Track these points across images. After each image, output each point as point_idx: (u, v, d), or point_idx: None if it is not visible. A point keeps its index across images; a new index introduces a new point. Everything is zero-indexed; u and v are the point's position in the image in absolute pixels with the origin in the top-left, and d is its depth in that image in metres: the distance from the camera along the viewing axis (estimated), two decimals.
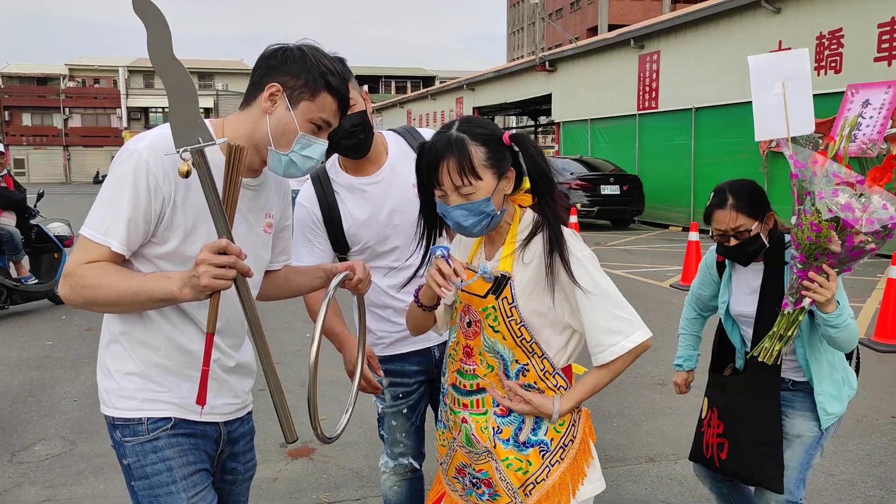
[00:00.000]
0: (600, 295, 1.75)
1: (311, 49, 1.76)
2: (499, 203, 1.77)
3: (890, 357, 6.00)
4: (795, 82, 2.42)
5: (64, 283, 1.61)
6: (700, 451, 2.76)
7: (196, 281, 1.51)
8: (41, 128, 60.96)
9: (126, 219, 1.60)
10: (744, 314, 2.64)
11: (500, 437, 1.82)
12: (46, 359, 6.21)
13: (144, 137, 1.66)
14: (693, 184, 16.20)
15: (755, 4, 14.27)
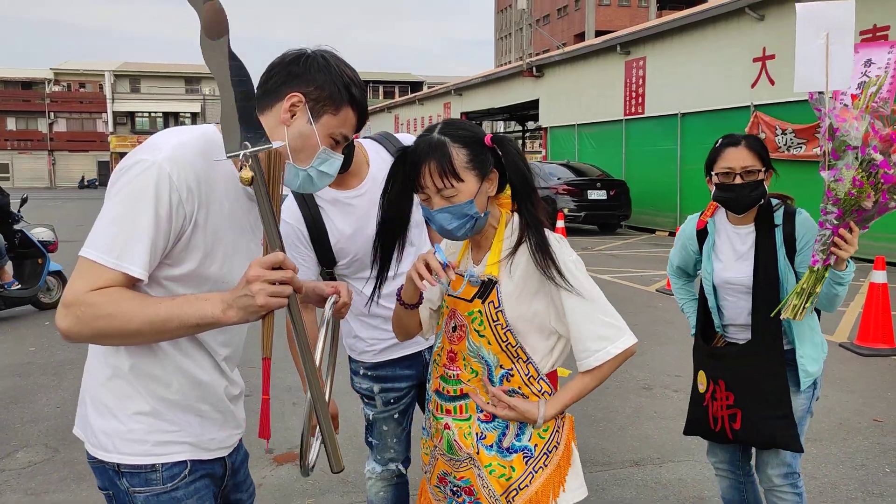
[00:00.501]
0: (587, 300, 1.74)
1: (334, 57, 1.64)
2: (482, 205, 1.77)
3: (872, 361, 6.05)
4: (839, 34, 2.37)
5: (67, 314, 1.38)
6: (704, 426, 2.74)
7: (248, 301, 1.37)
8: (26, 132, 60.49)
9: (149, 240, 1.41)
10: (731, 281, 2.64)
11: (484, 442, 1.81)
12: (29, 365, 6.15)
13: (159, 148, 1.45)
14: (679, 189, 16.30)
15: (739, 11, 14.39)
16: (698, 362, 2.80)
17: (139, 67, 63.44)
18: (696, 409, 2.78)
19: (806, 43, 2.42)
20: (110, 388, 1.54)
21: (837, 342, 6.62)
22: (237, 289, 1.40)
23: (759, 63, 14.00)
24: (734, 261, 2.65)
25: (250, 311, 1.38)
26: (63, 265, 9.05)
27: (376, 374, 2.50)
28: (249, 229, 1.63)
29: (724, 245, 2.69)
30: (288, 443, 4.36)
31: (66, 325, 1.39)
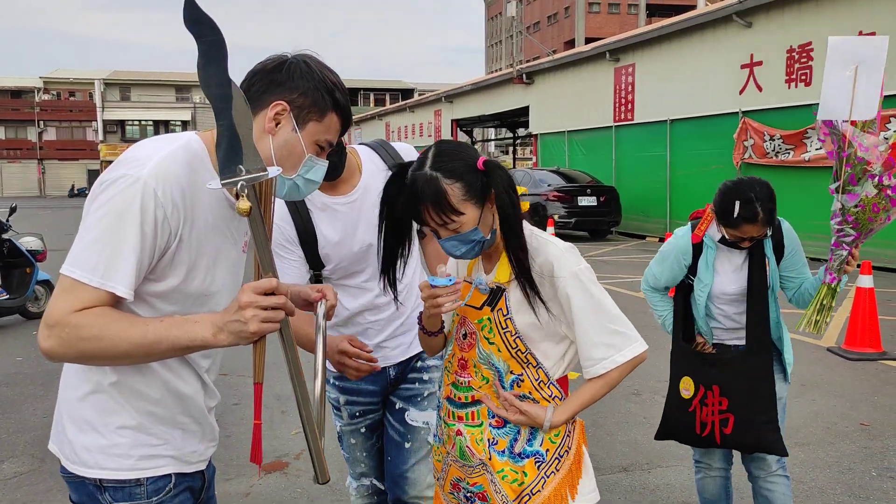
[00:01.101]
0: (594, 308, 1.75)
1: (316, 62, 1.61)
2: (488, 227, 1.77)
3: (859, 365, 6.09)
4: (869, 68, 2.52)
5: (50, 334, 1.35)
6: (688, 431, 2.83)
7: (240, 327, 1.36)
8: (15, 141, 60.21)
9: (135, 259, 1.38)
10: (728, 292, 2.80)
11: (496, 448, 1.83)
12: (16, 375, 6.12)
13: (143, 162, 1.41)
14: (669, 194, 16.37)
15: (727, 19, 14.50)
16: (684, 369, 2.85)
17: (129, 76, 63.34)
18: (679, 415, 2.84)
19: (834, 74, 2.56)
20: (92, 403, 1.49)
21: (825, 346, 6.65)
22: (228, 312, 1.38)
23: (747, 70, 14.10)
24: (731, 272, 2.79)
25: (242, 336, 1.37)
26: (52, 274, 8.99)
27: (342, 385, 2.46)
28: (231, 237, 1.61)
29: (723, 257, 2.81)
30: (276, 451, 4.35)
31: (49, 346, 1.36)
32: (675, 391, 2.87)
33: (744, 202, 2.62)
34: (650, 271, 3.03)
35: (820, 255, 13.47)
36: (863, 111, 2.54)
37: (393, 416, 2.47)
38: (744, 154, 14.00)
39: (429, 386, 2.48)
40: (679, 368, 2.88)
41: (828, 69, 2.60)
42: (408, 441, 2.43)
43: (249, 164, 1.38)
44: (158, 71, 64.41)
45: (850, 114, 2.53)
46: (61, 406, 1.56)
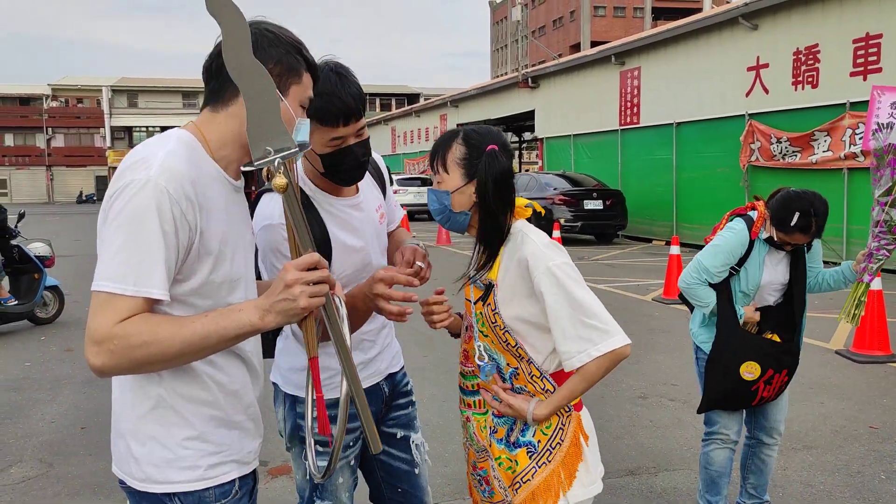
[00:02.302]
0: (569, 302, 1.77)
1: (276, 27, 1.59)
2: (462, 204, 1.87)
3: (868, 367, 6.05)
4: None
5: (99, 350, 1.34)
6: (743, 402, 3.17)
7: (290, 305, 1.38)
8: (24, 148, 60.60)
9: (162, 258, 1.37)
10: (775, 281, 3.14)
11: (496, 436, 1.92)
12: (25, 380, 6.14)
13: (148, 163, 1.40)
14: (675, 198, 16.33)
15: (733, 21, 14.48)
16: (749, 354, 3.09)
17: (137, 82, 63.64)
18: (738, 393, 3.12)
19: None
20: (154, 419, 1.50)
21: (833, 349, 6.62)
22: (272, 294, 1.40)
23: (753, 72, 14.07)
24: (775, 265, 3.13)
25: (291, 314, 1.39)
26: (60, 280, 9.05)
27: (332, 414, 2.08)
28: (241, 220, 1.62)
29: (772, 252, 3.13)
30: (283, 455, 4.35)
31: (101, 362, 1.34)
32: (733, 374, 3.09)
33: (803, 214, 2.92)
34: (702, 265, 3.14)
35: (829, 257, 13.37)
36: None
37: (397, 447, 2.30)
38: (750, 157, 13.96)
39: (415, 405, 2.38)
40: (741, 354, 3.09)
41: None
42: (416, 466, 2.32)
43: (280, 141, 1.40)
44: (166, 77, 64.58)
45: None
46: (121, 426, 1.54)
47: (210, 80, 1.56)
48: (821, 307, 8.50)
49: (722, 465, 3.28)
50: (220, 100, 1.55)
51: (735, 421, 3.26)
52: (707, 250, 3.16)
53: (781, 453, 4.24)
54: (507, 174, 1.86)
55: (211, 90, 1.56)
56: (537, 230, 1.89)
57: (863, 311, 3.22)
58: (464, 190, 1.86)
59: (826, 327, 7.43)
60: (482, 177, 1.84)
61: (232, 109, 1.54)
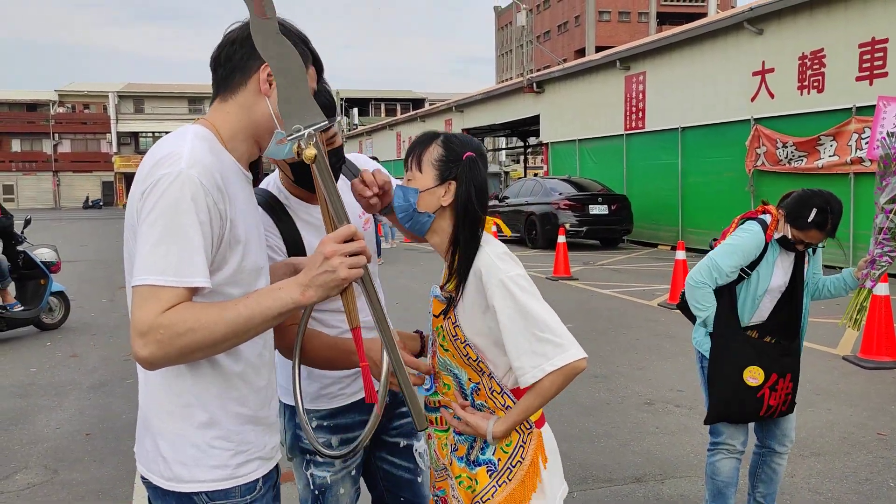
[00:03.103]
0: (521, 316, 1.70)
1: (282, 18, 1.60)
2: (428, 205, 1.81)
3: (876, 374, 6.01)
4: None
5: (145, 342, 1.34)
6: (751, 413, 3.12)
7: (330, 277, 1.42)
8: (30, 153, 60.87)
9: (201, 247, 1.39)
10: (779, 286, 3.13)
11: (456, 454, 1.87)
12: (30, 386, 6.15)
13: (177, 157, 1.42)
14: (681, 203, 16.29)
15: (738, 26, 14.46)
16: (751, 358, 3.07)
17: (143, 88, 63.89)
18: (745, 400, 3.08)
19: None
20: (184, 417, 1.50)
21: (841, 355, 6.59)
22: (311, 269, 1.43)
23: (759, 77, 14.04)
24: (781, 269, 3.13)
25: (331, 286, 1.43)
26: (66, 286, 9.06)
27: (334, 424, 2.15)
28: (256, 210, 1.67)
29: (782, 257, 3.14)
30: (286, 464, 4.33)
31: (147, 353, 1.35)
32: (736, 379, 3.07)
33: (820, 210, 2.96)
34: (715, 263, 3.10)
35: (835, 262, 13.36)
36: None
37: (399, 456, 2.27)
38: (756, 161, 13.93)
39: None
40: (743, 359, 3.08)
41: None
42: (419, 475, 2.29)
43: (310, 116, 1.47)
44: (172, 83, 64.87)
45: None
46: (151, 425, 1.54)
47: (218, 68, 1.57)
48: (827, 312, 8.45)
49: (728, 475, 3.25)
50: (228, 88, 1.56)
51: (742, 431, 3.23)
52: (722, 249, 3.12)
53: (789, 460, 4.21)
54: (486, 184, 1.83)
55: (219, 79, 1.57)
56: (495, 241, 1.84)
57: (865, 317, 3.25)
58: (434, 191, 1.80)
59: (833, 333, 7.38)
60: (464, 182, 1.78)
61: (240, 98, 1.55)
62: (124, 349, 7.38)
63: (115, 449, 4.63)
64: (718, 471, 3.25)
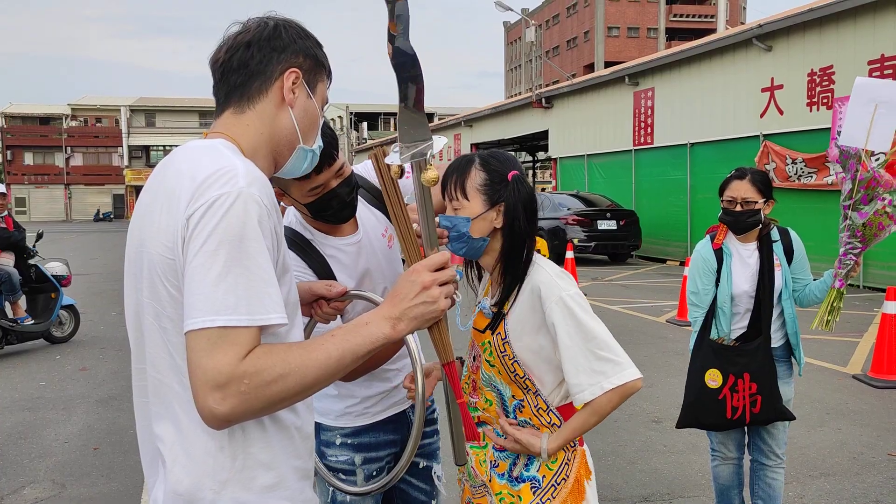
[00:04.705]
0: (581, 334, 1.74)
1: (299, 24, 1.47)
2: (481, 230, 1.82)
3: (886, 393, 5.96)
4: (888, 108, 2.91)
5: (224, 396, 1.12)
6: (716, 417, 3.15)
7: (428, 308, 1.32)
8: (43, 167, 61.43)
9: (273, 277, 1.20)
10: (746, 291, 3.18)
11: (497, 471, 1.86)
12: (39, 400, 6.17)
13: (234, 173, 1.21)
14: (689, 218, 16.26)
15: (747, 42, 14.48)
16: (711, 362, 3.16)
17: (154, 102, 64.47)
18: (707, 403, 3.15)
19: (857, 108, 2.94)
20: (243, 483, 1.27)
21: (851, 374, 6.54)
22: (402, 300, 1.32)
23: (768, 93, 14.04)
24: (747, 275, 3.19)
25: (428, 318, 1.33)
26: (76, 299, 9.11)
27: (358, 442, 2.12)
28: None
29: (738, 262, 3.23)
30: None
31: (228, 409, 1.13)
32: (699, 383, 3.16)
33: (737, 169, 3.24)
34: (689, 293, 3.32)
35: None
36: (877, 144, 2.94)
37: (416, 476, 2.23)
38: None
39: (439, 434, 2.30)
40: (704, 363, 3.17)
41: (852, 103, 2.97)
42: (434, 498, 2.26)
43: (421, 135, 1.42)
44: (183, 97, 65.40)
45: (865, 144, 2.95)
46: (195, 498, 1.26)
47: (228, 74, 1.38)
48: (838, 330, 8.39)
49: (728, 479, 3.38)
50: (245, 96, 1.38)
51: (731, 438, 3.33)
52: (688, 278, 3.36)
53: (798, 480, 4.18)
54: (534, 200, 1.86)
55: (231, 86, 1.38)
56: (549, 261, 1.88)
57: (837, 318, 3.18)
58: (486, 216, 1.82)
59: (843, 351, 7.34)
60: (512, 203, 1.81)
61: (260, 107, 1.38)
62: None
63: (123, 463, 4.64)
64: (717, 476, 3.40)
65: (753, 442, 3.33)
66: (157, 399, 1.30)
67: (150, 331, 1.28)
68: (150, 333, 1.28)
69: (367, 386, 2.10)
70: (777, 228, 3.27)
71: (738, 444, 3.36)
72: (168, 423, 1.28)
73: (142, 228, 1.29)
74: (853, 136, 2.97)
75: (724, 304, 3.20)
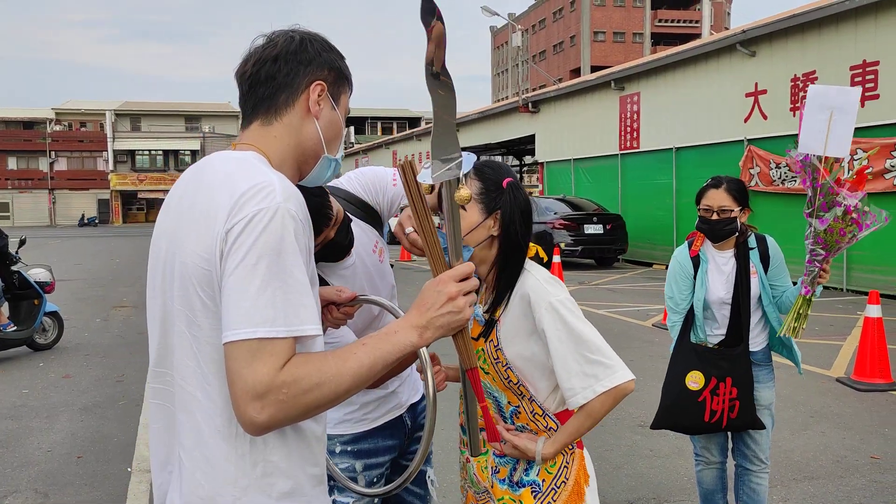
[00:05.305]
0: (571, 338, 1.75)
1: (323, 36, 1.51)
2: (478, 238, 1.83)
3: (869, 396, 6.02)
4: (842, 113, 2.93)
5: (264, 405, 1.17)
6: (694, 420, 3.18)
7: (454, 317, 1.37)
8: (27, 171, 60.86)
9: (308, 290, 1.25)
10: (722, 298, 3.21)
11: (498, 476, 1.88)
12: (21, 408, 6.11)
13: (272, 189, 1.25)
14: (675, 222, 16.36)
15: (731, 48, 14.60)
16: (693, 364, 3.19)
17: (140, 106, 64.06)
18: (685, 405, 3.18)
19: (812, 116, 2.95)
20: (262, 489, 1.30)
21: (834, 377, 6.59)
22: (428, 309, 1.37)
23: (752, 98, 14.16)
24: (722, 282, 3.22)
25: (454, 327, 1.38)
26: (60, 305, 9.03)
27: (357, 449, 2.13)
28: None
29: (714, 270, 3.26)
30: None
31: (266, 417, 1.18)
32: (679, 385, 3.19)
33: (713, 178, 3.27)
34: (667, 299, 3.37)
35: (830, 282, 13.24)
36: (835, 150, 2.94)
37: (412, 482, 2.18)
38: (750, 182, 13.99)
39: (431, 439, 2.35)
40: (685, 365, 3.20)
41: (807, 111, 3.00)
42: (428, 502, 2.28)
43: (452, 152, 1.45)
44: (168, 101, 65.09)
45: (824, 151, 2.95)
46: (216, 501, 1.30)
47: (255, 86, 1.43)
48: (822, 333, 8.47)
49: (711, 483, 3.42)
50: (272, 108, 1.42)
51: (714, 443, 3.37)
52: (666, 282, 3.41)
53: (783, 484, 4.21)
54: (529, 206, 1.87)
55: (258, 98, 1.42)
56: (538, 266, 1.89)
57: (804, 325, 3.15)
58: (484, 224, 1.83)
59: (827, 354, 7.40)
60: (508, 210, 1.82)
61: (287, 120, 1.42)
62: (117, 370, 7.35)
63: (107, 472, 4.60)
64: (701, 480, 3.45)
65: (737, 447, 3.35)
66: (180, 405, 1.33)
67: (180, 338, 1.31)
68: (180, 340, 1.31)
69: (364, 392, 2.10)
70: (755, 236, 3.28)
71: (721, 449, 3.38)
72: (189, 430, 1.31)
73: (175, 236, 1.32)
74: (811, 143, 2.99)
75: (698, 310, 3.23)
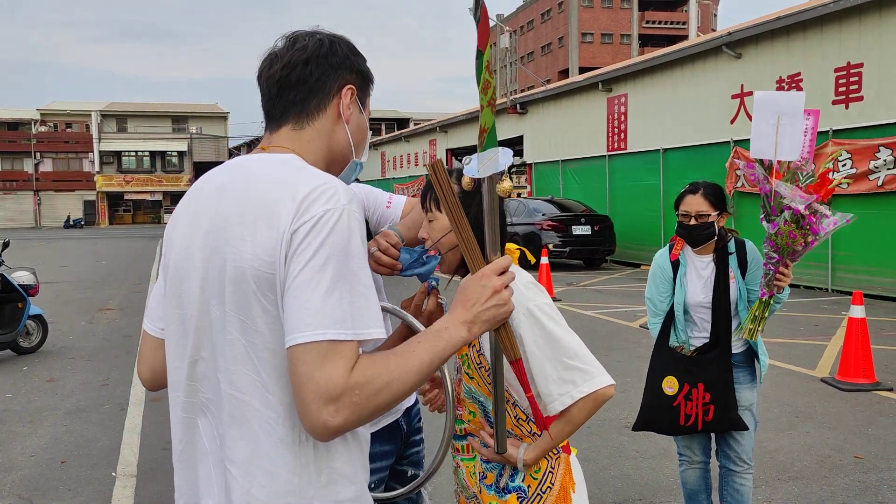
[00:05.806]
0: (549, 343, 1.74)
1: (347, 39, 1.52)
2: (450, 243, 1.82)
3: (853, 396, 6.06)
4: (790, 117, 2.97)
5: (338, 408, 1.15)
6: (671, 423, 3.24)
7: (499, 310, 1.37)
8: (11, 172, 60.31)
9: (373, 292, 1.25)
10: (700, 302, 3.25)
11: (485, 482, 1.88)
12: (5, 412, 6.05)
13: (335, 190, 1.26)
14: (663, 223, 16.43)
15: (717, 50, 14.69)
16: (669, 369, 3.24)
17: (126, 107, 63.65)
18: (661, 409, 3.24)
19: (761, 122, 2.99)
20: (327, 498, 1.28)
21: (819, 377, 6.63)
22: (474, 304, 1.36)
23: (738, 100, 14.24)
24: (700, 286, 3.26)
25: (499, 319, 1.39)
26: (44, 307, 8.95)
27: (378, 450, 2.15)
28: None
29: (692, 274, 3.30)
30: None
31: (342, 420, 1.16)
32: (656, 389, 3.25)
33: (691, 184, 3.33)
34: (647, 300, 3.42)
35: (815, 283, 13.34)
36: (787, 153, 2.99)
37: (403, 485, 2.22)
38: (736, 182, 14.08)
39: (424, 442, 2.35)
40: (662, 369, 3.25)
41: (756, 118, 3.03)
42: None
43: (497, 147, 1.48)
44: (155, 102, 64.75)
45: (775, 155, 3.00)
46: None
47: (287, 90, 1.41)
48: (806, 333, 8.53)
49: (695, 484, 3.45)
50: (304, 112, 1.41)
51: (696, 442, 3.41)
52: (647, 285, 3.46)
53: (767, 484, 4.23)
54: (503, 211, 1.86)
55: (289, 102, 1.41)
56: (520, 270, 1.87)
57: (761, 327, 3.16)
58: None
59: (811, 354, 7.45)
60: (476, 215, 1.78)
61: (318, 124, 1.42)
62: (102, 373, 7.30)
63: (91, 477, 4.57)
64: (685, 480, 3.49)
65: (721, 448, 3.37)
66: (230, 418, 1.28)
67: (233, 346, 1.27)
68: (233, 349, 1.27)
69: None
70: (735, 240, 3.31)
71: (703, 448, 3.42)
72: (243, 442, 1.27)
73: (221, 243, 1.28)
74: (762, 149, 3.03)
75: (678, 313, 3.27)
